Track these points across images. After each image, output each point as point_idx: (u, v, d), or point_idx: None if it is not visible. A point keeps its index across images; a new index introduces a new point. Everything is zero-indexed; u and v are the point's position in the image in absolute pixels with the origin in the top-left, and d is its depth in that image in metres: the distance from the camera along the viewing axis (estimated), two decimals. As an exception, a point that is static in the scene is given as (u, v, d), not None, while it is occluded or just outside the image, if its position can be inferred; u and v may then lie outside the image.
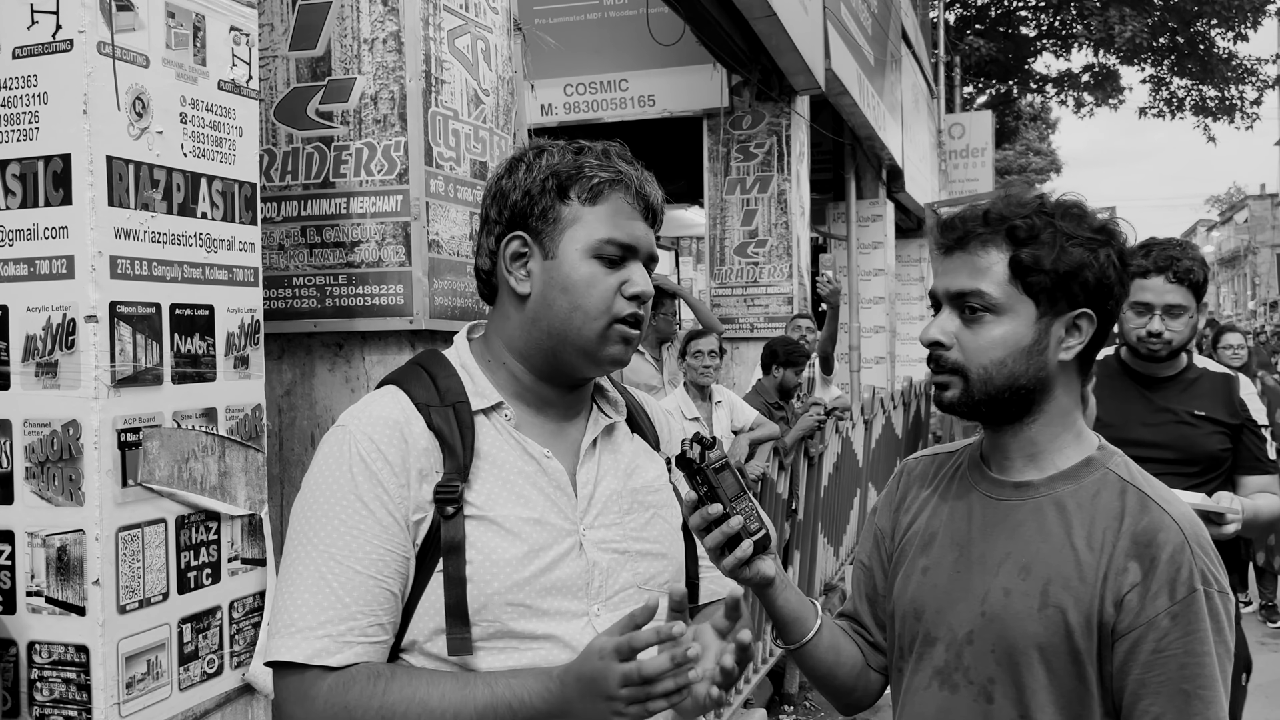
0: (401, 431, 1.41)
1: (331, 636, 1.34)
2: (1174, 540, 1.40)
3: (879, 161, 12.85)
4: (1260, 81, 24.29)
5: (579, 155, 1.49)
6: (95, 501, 1.95)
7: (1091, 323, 1.48)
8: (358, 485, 1.38)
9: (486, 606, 1.39)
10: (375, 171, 2.82)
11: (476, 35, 3.05)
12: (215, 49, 2.22)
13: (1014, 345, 1.48)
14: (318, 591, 1.35)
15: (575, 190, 1.47)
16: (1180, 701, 1.38)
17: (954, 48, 22.39)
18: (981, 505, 1.55)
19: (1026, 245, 1.45)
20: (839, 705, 1.73)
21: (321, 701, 1.32)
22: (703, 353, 5.67)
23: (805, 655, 1.62)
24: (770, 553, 1.51)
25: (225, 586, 2.25)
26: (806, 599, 1.62)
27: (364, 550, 1.36)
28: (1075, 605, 1.42)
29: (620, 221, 1.47)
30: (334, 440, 1.43)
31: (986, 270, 1.48)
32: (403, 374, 1.52)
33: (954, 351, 1.51)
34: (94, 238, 1.94)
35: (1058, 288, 1.46)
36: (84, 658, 1.96)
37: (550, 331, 1.47)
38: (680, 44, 7.30)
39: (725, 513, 1.43)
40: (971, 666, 1.49)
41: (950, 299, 1.52)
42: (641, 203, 1.49)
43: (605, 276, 1.46)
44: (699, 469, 1.43)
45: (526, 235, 1.48)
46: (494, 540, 1.40)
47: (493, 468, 1.44)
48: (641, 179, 1.50)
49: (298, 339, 2.94)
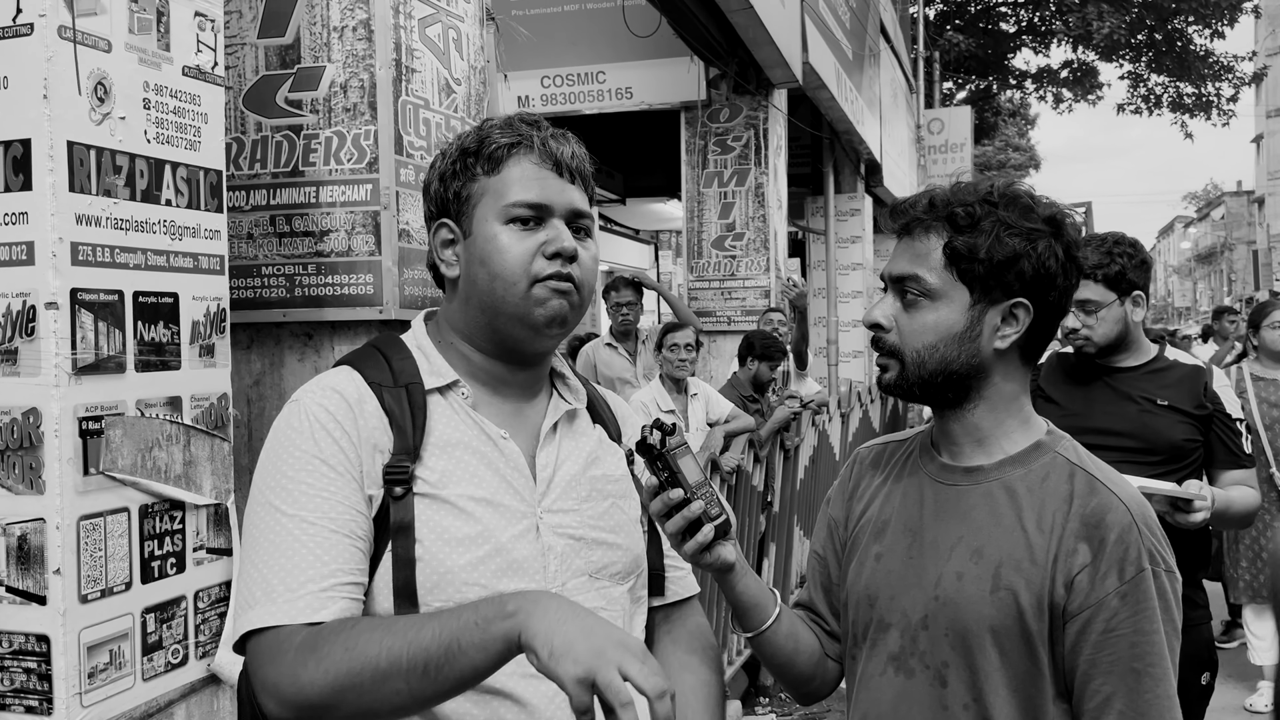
0: (354, 407, 1.41)
1: (313, 594, 1.31)
2: (1122, 521, 1.42)
3: (857, 156, 12.87)
4: (1236, 78, 24.44)
5: (482, 129, 1.50)
6: (56, 490, 1.94)
7: (1028, 313, 1.48)
8: (320, 448, 1.37)
9: (439, 586, 1.37)
10: (345, 160, 2.80)
11: (448, 24, 3.04)
12: (179, 34, 2.20)
13: (946, 331, 1.49)
14: (293, 554, 1.32)
15: (478, 165, 1.48)
16: (1131, 680, 1.39)
17: (933, 43, 22.45)
18: (933, 490, 1.56)
19: (964, 233, 1.46)
20: (797, 694, 1.73)
21: (293, 653, 1.27)
22: (679, 345, 5.66)
23: (764, 643, 1.62)
24: (730, 538, 1.51)
25: (190, 576, 2.24)
26: (766, 586, 1.62)
27: (336, 510, 1.35)
28: (1027, 587, 1.43)
29: (527, 183, 1.46)
30: (289, 413, 1.43)
31: (925, 256, 1.50)
32: (357, 355, 1.52)
33: (893, 334, 1.53)
34: (54, 224, 1.92)
35: (991, 276, 1.46)
36: (45, 647, 1.95)
37: (482, 306, 1.47)
38: (658, 36, 7.29)
39: (686, 498, 1.43)
40: (926, 651, 1.50)
41: (892, 282, 1.54)
42: (550, 160, 1.48)
43: (520, 240, 1.45)
44: (659, 454, 1.43)
45: (450, 221, 1.50)
46: (446, 519, 1.39)
47: (447, 447, 1.43)
48: (545, 137, 1.49)
49: (267, 329, 2.92)
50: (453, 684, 1.23)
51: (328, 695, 1.24)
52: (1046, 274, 1.47)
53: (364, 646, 1.24)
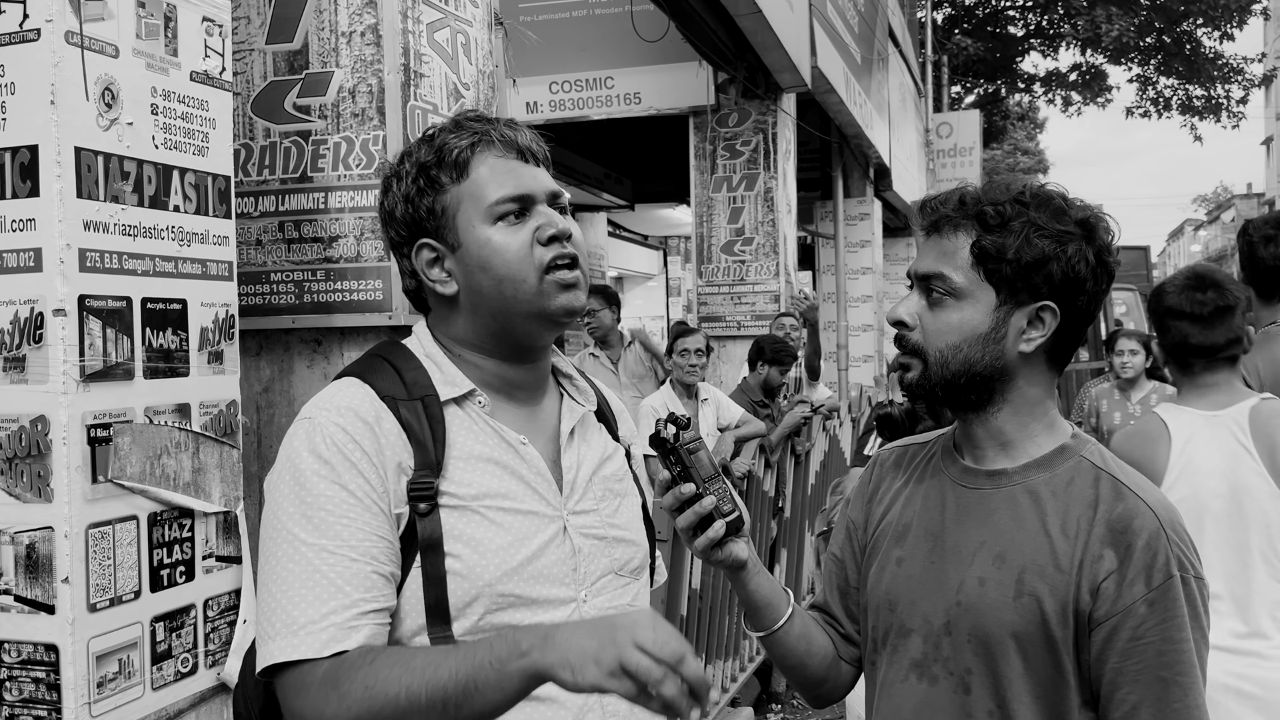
0: (372, 426, 1.37)
1: (337, 625, 1.29)
2: (1149, 527, 1.39)
3: (866, 160, 12.84)
4: (1246, 81, 24.36)
5: (434, 139, 1.46)
6: (64, 498, 1.92)
7: (1055, 317, 1.45)
8: (338, 473, 1.34)
9: (478, 599, 1.36)
10: (353, 166, 2.79)
11: (456, 29, 3.03)
12: (187, 40, 2.19)
13: (970, 331, 1.46)
14: (314, 585, 1.30)
15: (445, 176, 1.44)
16: (1159, 689, 1.36)
17: (941, 47, 22.42)
18: (955, 494, 1.54)
19: (993, 232, 1.43)
20: (809, 696, 1.71)
21: (315, 688, 1.26)
22: (689, 351, 5.66)
23: (776, 643, 1.61)
24: (743, 535, 1.50)
25: (200, 584, 2.22)
26: (779, 586, 1.61)
27: (356, 538, 1.32)
28: (1051, 593, 1.40)
29: (500, 177, 1.44)
30: (302, 432, 1.38)
31: (953, 254, 1.47)
32: (364, 367, 1.47)
33: (916, 333, 1.50)
34: (62, 230, 1.91)
35: (1019, 278, 1.43)
36: (53, 657, 1.93)
37: (493, 313, 1.45)
38: (666, 41, 7.28)
39: (698, 493, 1.43)
40: (949, 657, 1.47)
41: (919, 280, 1.51)
42: (513, 149, 1.46)
43: (514, 235, 1.42)
44: (673, 448, 1.42)
45: (430, 239, 1.46)
46: (478, 531, 1.37)
47: (469, 459, 1.41)
48: (501, 129, 1.46)
49: (276, 335, 2.91)
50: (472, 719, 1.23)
51: None
52: (1076, 278, 1.44)
53: (383, 686, 1.23)
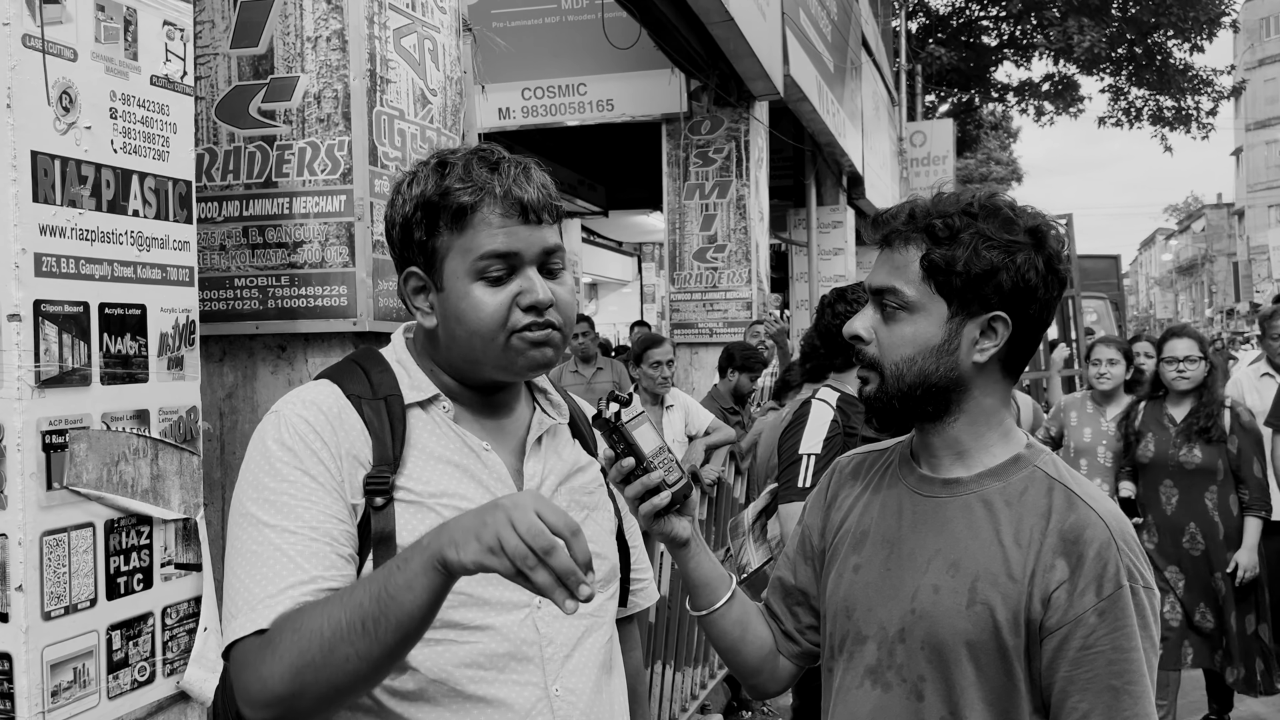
0: (332, 420, 1.41)
1: (294, 598, 1.30)
2: (1100, 537, 1.40)
3: (839, 168, 12.90)
4: (1215, 92, 24.67)
5: (443, 177, 1.44)
6: (18, 505, 1.90)
7: (1008, 326, 1.46)
8: (300, 460, 1.37)
9: None
10: (319, 171, 2.78)
11: (424, 35, 3.02)
12: (148, 44, 2.17)
13: (924, 344, 1.47)
14: (274, 563, 1.32)
15: (442, 220, 1.44)
16: (1109, 697, 1.37)
17: (915, 56, 22.57)
18: (911, 502, 1.55)
19: (942, 245, 1.44)
20: (746, 685, 1.76)
21: (255, 652, 1.27)
22: (661, 363, 5.69)
23: (712, 624, 1.66)
24: (688, 513, 1.55)
25: (158, 592, 2.20)
26: (724, 571, 1.66)
27: (318, 520, 1.35)
28: (1003, 602, 1.41)
29: (493, 234, 1.42)
30: (269, 424, 1.43)
31: (904, 268, 1.48)
32: (335, 369, 1.53)
33: (872, 347, 1.51)
34: (17, 234, 1.89)
35: (969, 289, 1.44)
36: (7, 665, 1.91)
37: (463, 357, 1.48)
38: (639, 48, 7.29)
39: (645, 466, 1.47)
40: (903, 664, 1.48)
41: (873, 294, 1.52)
42: (516, 207, 1.43)
43: (493, 295, 1.43)
44: (615, 426, 1.45)
45: (419, 270, 1.47)
46: (429, 526, 1.37)
47: (428, 459, 1.44)
48: (509, 182, 1.43)
49: (240, 341, 2.89)
50: (394, 635, 1.21)
51: (289, 682, 1.23)
52: (1026, 287, 1.44)
53: (309, 623, 1.24)
